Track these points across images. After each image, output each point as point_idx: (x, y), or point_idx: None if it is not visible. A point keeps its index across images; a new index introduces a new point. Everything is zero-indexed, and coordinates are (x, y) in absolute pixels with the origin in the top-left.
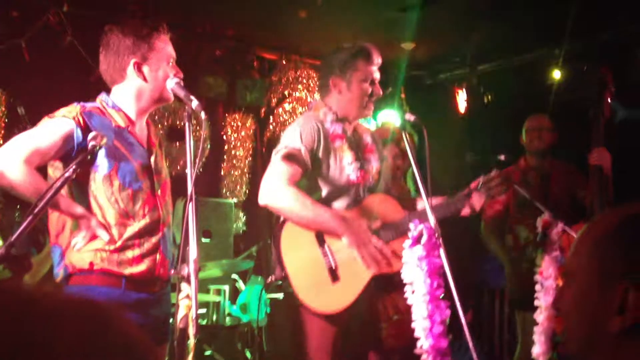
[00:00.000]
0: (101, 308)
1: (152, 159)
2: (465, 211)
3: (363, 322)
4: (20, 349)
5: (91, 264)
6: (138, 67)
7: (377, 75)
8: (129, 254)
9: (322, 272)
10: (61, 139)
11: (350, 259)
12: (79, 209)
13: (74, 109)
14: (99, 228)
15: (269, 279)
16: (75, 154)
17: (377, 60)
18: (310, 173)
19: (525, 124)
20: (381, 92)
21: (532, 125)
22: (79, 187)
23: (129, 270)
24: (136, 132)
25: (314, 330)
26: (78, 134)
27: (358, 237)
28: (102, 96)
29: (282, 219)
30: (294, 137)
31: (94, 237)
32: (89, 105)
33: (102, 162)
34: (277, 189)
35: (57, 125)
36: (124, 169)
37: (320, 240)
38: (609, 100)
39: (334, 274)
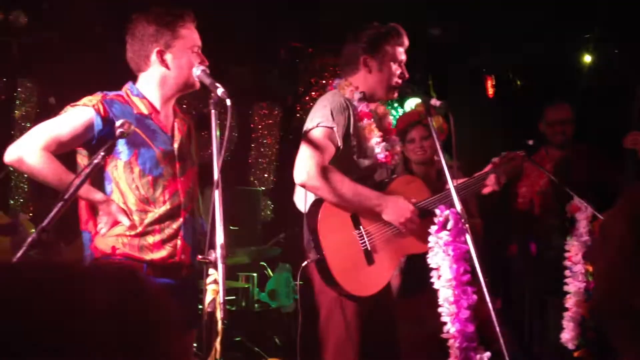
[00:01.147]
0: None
1: (176, 145)
2: (487, 189)
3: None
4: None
5: (113, 248)
6: (161, 55)
7: (404, 57)
8: (150, 239)
9: (358, 255)
10: (81, 127)
11: (384, 241)
12: (99, 195)
13: (95, 97)
14: (119, 213)
15: (307, 262)
16: (97, 142)
17: (406, 41)
18: (340, 151)
19: (545, 114)
20: (407, 75)
21: (554, 117)
22: (95, 173)
23: (150, 256)
24: (160, 119)
25: (345, 314)
26: (98, 122)
27: (398, 212)
28: (128, 85)
29: (312, 202)
30: (325, 114)
31: (116, 222)
32: (111, 93)
33: (122, 149)
34: (312, 168)
35: (78, 113)
36: (145, 155)
37: (356, 223)
38: None
39: (369, 257)
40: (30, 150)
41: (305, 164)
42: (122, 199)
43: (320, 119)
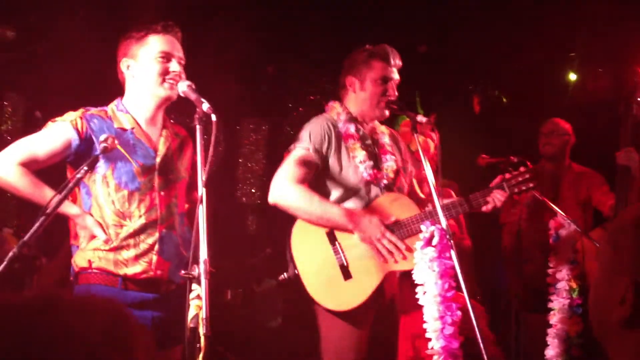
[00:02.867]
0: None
1: (158, 159)
2: (487, 208)
3: (385, 325)
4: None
5: (89, 262)
6: (127, 66)
7: (394, 76)
8: (124, 254)
9: (333, 270)
10: (58, 145)
11: (362, 256)
12: (74, 209)
13: (75, 113)
14: (95, 227)
15: (281, 277)
16: (75, 158)
17: (395, 61)
18: (323, 172)
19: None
20: (396, 93)
21: (543, 129)
22: (86, 188)
23: (124, 271)
24: (143, 133)
25: (332, 329)
26: (75, 138)
27: (369, 231)
28: (116, 100)
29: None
30: (303, 137)
31: (93, 236)
32: (93, 109)
33: (100, 164)
34: (284, 187)
35: (55, 131)
36: (121, 169)
37: (332, 238)
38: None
39: (345, 272)
40: (7, 166)
41: (275, 184)
42: (99, 213)
43: (298, 141)
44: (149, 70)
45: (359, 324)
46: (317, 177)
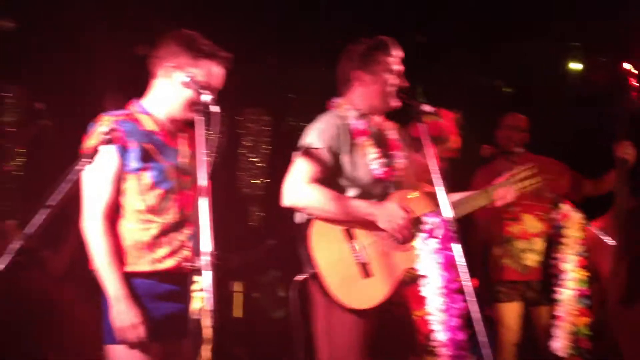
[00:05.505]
0: None
1: (182, 159)
2: (498, 203)
3: (397, 319)
4: None
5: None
6: (169, 73)
7: (398, 67)
8: (159, 252)
9: (352, 268)
10: (115, 177)
11: (381, 253)
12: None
13: (106, 125)
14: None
15: (300, 278)
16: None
17: (398, 52)
18: (335, 171)
19: (500, 120)
20: (406, 83)
21: (505, 123)
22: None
23: (157, 267)
24: (167, 135)
25: (346, 327)
26: (119, 156)
27: (393, 215)
28: (134, 103)
29: (304, 218)
30: (312, 136)
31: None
32: (118, 114)
33: (132, 163)
34: (299, 188)
35: (106, 166)
36: (153, 169)
37: (350, 236)
38: (633, 94)
39: (365, 269)
40: (95, 231)
41: (290, 186)
42: (131, 210)
43: (308, 141)
44: (184, 93)
45: (364, 317)
46: (329, 176)
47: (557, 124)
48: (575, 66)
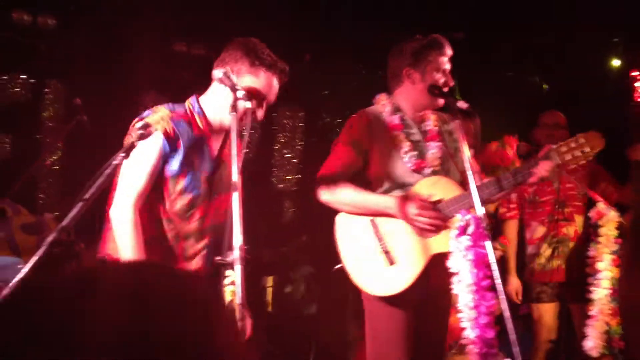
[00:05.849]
0: None
1: (217, 170)
2: (533, 179)
3: (437, 306)
4: None
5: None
6: (228, 77)
7: (448, 67)
8: (184, 253)
9: (377, 256)
10: (155, 163)
11: (406, 241)
12: None
13: (164, 116)
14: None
15: (336, 268)
16: (163, 162)
17: (449, 51)
18: (367, 166)
19: (539, 119)
20: (452, 83)
21: (545, 121)
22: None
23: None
24: (211, 139)
25: (383, 318)
26: (165, 145)
27: (407, 209)
28: (192, 99)
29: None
30: (344, 132)
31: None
32: (177, 108)
33: (174, 165)
34: (322, 183)
35: (150, 151)
36: (189, 175)
37: (374, 225)
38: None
39: (389, 257)
40: (125, 220)
41: (321, 182)
42: (165, 211)
43: (340, 137)
44: (230, 100)
45: (402, 307)
46: (363, 169)
47: (593, 123)
48: (615, 63)
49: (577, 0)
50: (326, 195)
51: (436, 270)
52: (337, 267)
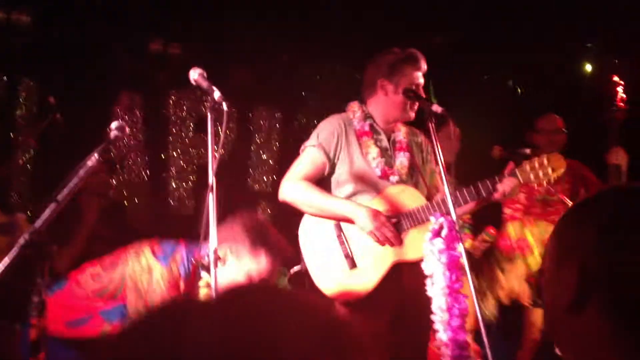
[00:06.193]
0: None
1: None
2: (497, 196)
3: (416, 308)
4: None
5: None
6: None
7: (421, 81)
8: None
9: (339, 260)
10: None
11: (368, 246)
12: None
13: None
14: None
15: (293, 270)
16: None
17: (424, 66)
18: (334, 169)
19: (536, 124)
20: (424, 95)
21: (545, 127)
22: None
23: None
24: None
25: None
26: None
27: (368, 222)
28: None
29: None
30: (313, 136)
31: None
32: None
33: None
34: (289, 184)
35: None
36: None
37: (338, 229)
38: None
39: (351, 261)
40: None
41: (283, 182)
42: None
43: (309, 140)
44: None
45: (373, 316)
46: (330, 173)
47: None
48: (588, 68)
49: (550, 6)
50: (291, 195)
51: (410, 274)
52: (295, 269)
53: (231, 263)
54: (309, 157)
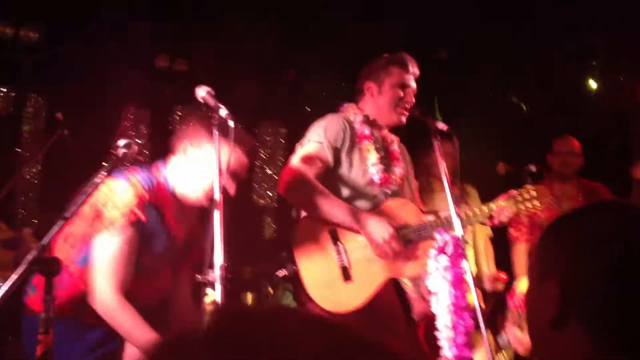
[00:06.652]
0: None
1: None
2: (492, 222)
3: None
4: None
5: None
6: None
7: (412, 84)
8: None
9: (334, 270)
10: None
11: (364, 259)
12: None
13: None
14: None
15: (280, 273)
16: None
17: (413, 69)
18: (333, 170)
19: (553, 145)
20: (413, 100)
21: (560, 149)
22: None
23: None
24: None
25: None
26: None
27: (377, 232)
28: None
29: (295, 214)
30: (317, 131)
31: None
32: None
33: None
34: (297, 180)
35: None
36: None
37: (335, 238)
38: None
39: (346, 273)
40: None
41: (288, 177)
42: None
43: (311, 136)
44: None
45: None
46: (326, 173)
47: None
48: (594, 85)
49: (556, 24)
50: (296, 192)
51: (385, 295)
52: (281, 272)
53: (194, 154)
54: (315, 152)
